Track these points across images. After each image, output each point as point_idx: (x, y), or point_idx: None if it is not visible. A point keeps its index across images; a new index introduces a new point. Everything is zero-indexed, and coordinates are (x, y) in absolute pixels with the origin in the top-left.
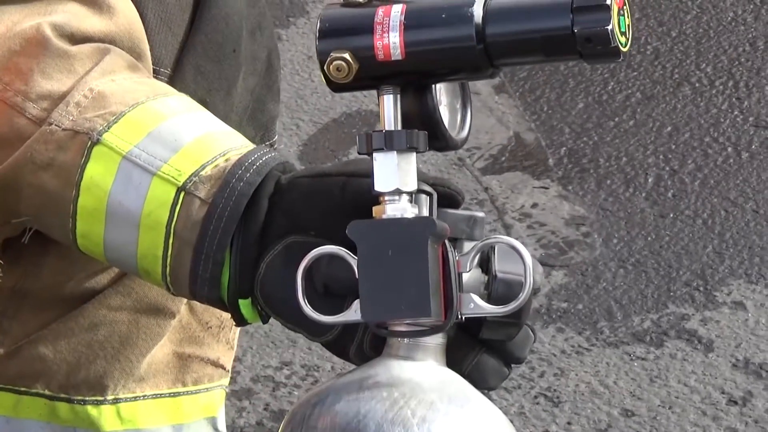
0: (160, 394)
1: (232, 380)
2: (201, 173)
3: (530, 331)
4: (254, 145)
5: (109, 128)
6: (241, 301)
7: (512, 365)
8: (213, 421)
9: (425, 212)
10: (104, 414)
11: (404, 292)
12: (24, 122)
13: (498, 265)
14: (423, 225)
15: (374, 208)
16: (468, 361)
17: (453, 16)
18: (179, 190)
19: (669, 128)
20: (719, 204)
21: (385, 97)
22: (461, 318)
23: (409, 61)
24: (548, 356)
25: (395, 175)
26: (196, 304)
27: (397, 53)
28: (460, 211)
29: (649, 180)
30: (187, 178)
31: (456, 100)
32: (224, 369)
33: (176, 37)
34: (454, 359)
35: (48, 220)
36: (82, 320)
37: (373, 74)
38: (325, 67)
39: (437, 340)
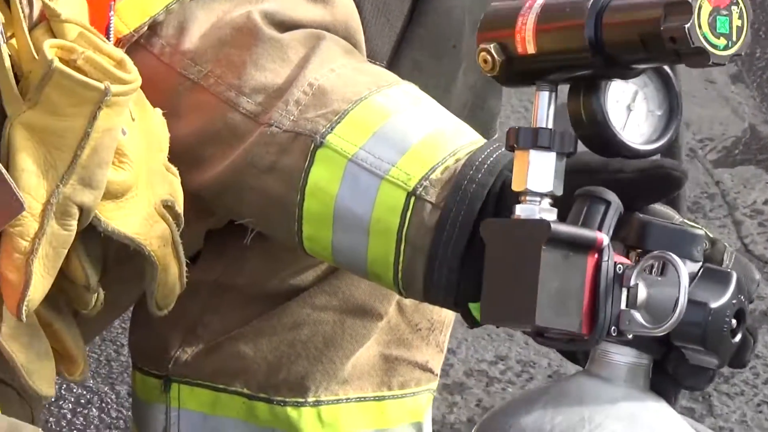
0: (364, 398)
1: (444, 373)
2: (431, 176)
3: (750, 336)
4: (484, 140)
5: (332, 129)
6: (471, 305)
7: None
8: (418, 427)
9: (596, 220)
10: (304, 416)
11: (516, 298)
12: (239, 118)
13: (693, 286)
14: (537, 228)
15: (513, 207)
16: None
17: (574, 8)
18: (409, 195)
19: None
20: None
21: (540, 93)
22: (622, 335)
23: (542, 56)
24: None
25: (525, 174)
26: (406, 305)
27: (531, 47)
28: (670, 224)
29: None
30: (417, 183)
31: (659, 107)
32: (432, 373)
33: (393, 29)
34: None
35: (272, 223)
36: (285, 319)
37: (517, 68)
38: (477, 59)
39: (632, 359)
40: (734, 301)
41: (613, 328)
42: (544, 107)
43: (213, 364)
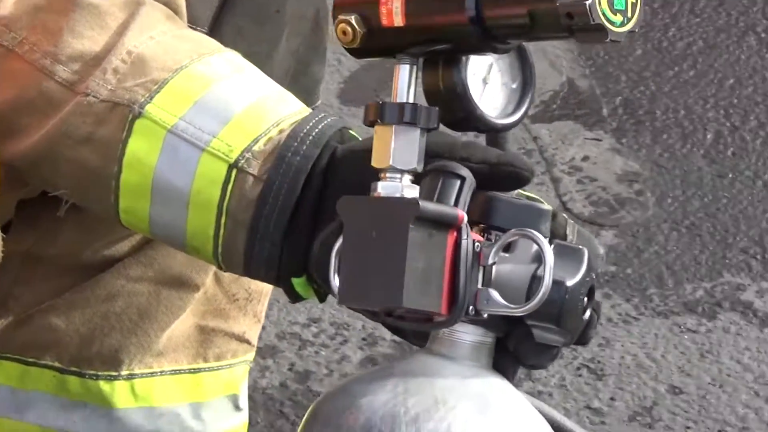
0: (179, 370)
1: None
2: (254, 148)
3: (595, 313)
4: (308, 110)
5: (151, 99)
6: (295, 280)
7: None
8: (234, 399)
9: (452, 196)
10: (117, 390)
11: (381, 278)
12: (54, 87)
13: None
14: (405, 207)
15: (371, 185)
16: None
17: None
18: (231, 167)
19: (731, 81)
20: None
21: (401, 67)
22: (479, 314)
23: (410, 29)
24: None
25: (389, 150)
26: (223, 275)
27: (398, 19)
28: (516, 200)
29: (708, 136)
30: (239, 154)
31: (513, 80)
32: (249, 344)
33: None
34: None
35: (88, 194)
36: (98, 290)
37: (379, 41)
38: (335, 31)
39: (477, 338)
40: (587, 279)
41: (471, 307)
42: (405, 81)
43: (23, 336)
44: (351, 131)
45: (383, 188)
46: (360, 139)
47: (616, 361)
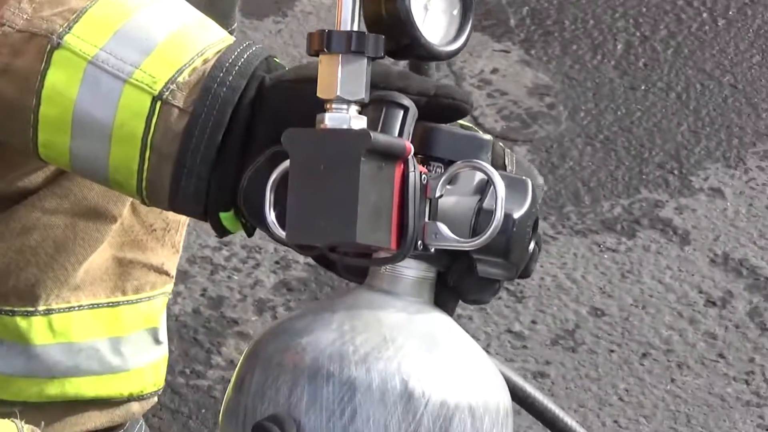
0: (97, 304)
1: None
2: (178, 79)
3: (536, 248)
4: (231, 38)
5: (70, 29)
6: (222, 214)
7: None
8: (154, 332)
9: (395, 127)
10: (34, 326)
11: (332, 212)
12: None
13: (489, 196)
14: (356, 138)
15: (317, 116)
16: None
17: None
18: (155, 99)
19: None
20: (694, 76)
21: None
22: (427, 249)
23: None
24: None
25: (337, 80)
26: (140, 205)
27: None
28: (458, 130)
29: (619, 46)
30: (163, 86)
31: (453, 6)
32: (168, 275)
33: None
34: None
35: (4, 127)
36: (12, 223)
37: None
38: None
39: (420, 273)
40: (533, 210)
41: (419, 242)
42: (349, 8)
43: None
44: (276, 59)
45: (331, 120)
46: (286, 68)
47: (536, 282)
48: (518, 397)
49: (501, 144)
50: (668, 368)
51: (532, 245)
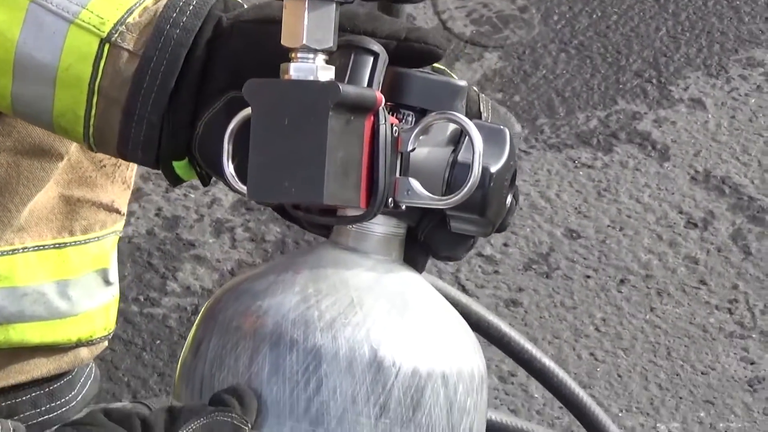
0: (43, 246)
1: None
2: (128, 20)
3: (513, 202)
4: None
5: None
6: (175, 163)
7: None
8: (104, 273)
9: (365, 76)
10: None
11: (297, 170)
12: None
13: (464, 148)
14: (324, 91)
15: (281, 66)
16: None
17: None
18: (103, 41)
19: None
20: None
21: None
22: (398, 206)
23: None
24: None
25: (303, 27)
26: None
27: None
28: (431, 76)
29: None
30: (112, 28)
31: None
32: (119, 213)
33: None
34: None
35: None
36: None
37: None
38: None
39: (389, 229)
40: (511, 163)
41: (389, 199)
42: None
43: None
44: None
45: (296, 70)
46: (244, 5)
47: None
48: (493, 337)
49: (475, 89)
50: (647, 296)
51: (509, 199)
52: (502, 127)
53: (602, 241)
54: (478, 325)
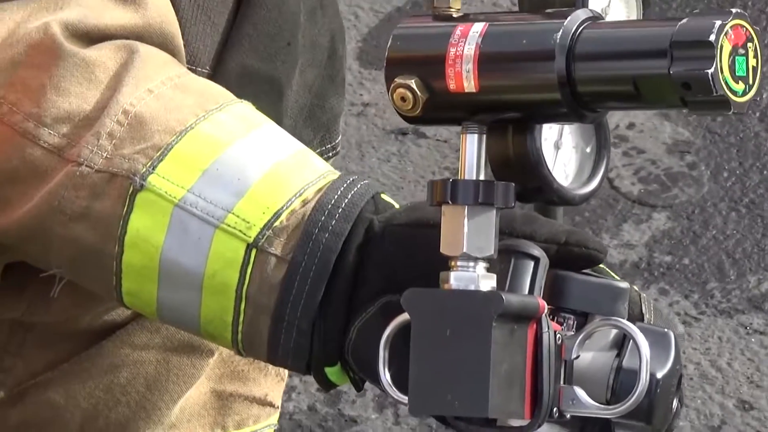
0: None
1: None
2: (275, 224)
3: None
4: (335, 173)
5: (154, 169)
6: (328, 370)
7: None
8: None
9: (526, 282)
10: None
11: (460, 383)
12: (39, 153)
13: (629, 354)
14: (487, 303)
15: (441, 275)
16: None
17: (535, 37)
18: (249, 247)
19: None
20: None
21: (468, 136)
22: (563, 415)
23: (484, 95)
24: None
25: (463, 235)
26: None
27: (469, 84)
28: (592, 279)
29: (764, 95)
30: (259, 232)
31: (587, 143)
32: (273, 406)
33: (217, 29)
34: None
35: (86, 275)
36: (100, 360)
37: (445, 108)
38: (390, 96)
39: None
40: (677, 367)
41: (554, 409)
42: (474, 153)
43: (19, 415)
44: (384, 196)
45: (456, 280)
46: (395, 205)
47: None
48: None
49: (636, 289)
50: None
51: (675, 403)
52: (666, 330)
53: None
54: None
